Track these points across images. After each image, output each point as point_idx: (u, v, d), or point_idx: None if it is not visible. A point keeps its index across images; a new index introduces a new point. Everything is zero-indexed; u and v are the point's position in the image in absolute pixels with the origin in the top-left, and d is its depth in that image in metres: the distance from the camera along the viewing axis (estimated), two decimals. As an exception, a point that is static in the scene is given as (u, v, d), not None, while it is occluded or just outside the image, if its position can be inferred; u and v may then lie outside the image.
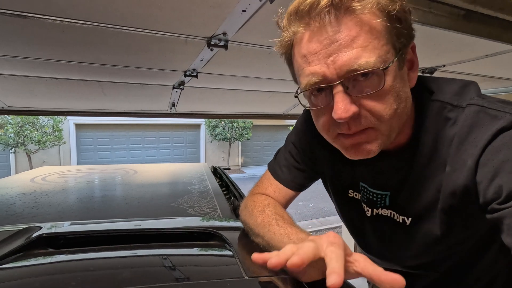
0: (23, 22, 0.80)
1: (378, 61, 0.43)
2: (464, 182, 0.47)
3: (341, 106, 0.44)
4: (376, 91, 0.44)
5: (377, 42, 0.43)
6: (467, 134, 0.47)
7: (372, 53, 0.43)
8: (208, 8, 0.76)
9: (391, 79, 0.44)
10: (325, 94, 0.47)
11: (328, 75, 0.44)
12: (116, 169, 2.45)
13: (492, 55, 1.20)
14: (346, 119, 0.45)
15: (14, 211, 1.26)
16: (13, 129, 8.42)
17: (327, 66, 0.44)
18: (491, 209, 0.44)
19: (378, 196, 0.60)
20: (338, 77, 0.44)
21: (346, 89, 0.45)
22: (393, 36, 0.45)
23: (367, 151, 0.49)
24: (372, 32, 0.43)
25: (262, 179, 0.76)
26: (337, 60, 0.43)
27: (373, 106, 0.45)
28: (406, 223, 0.57)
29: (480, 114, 0.47)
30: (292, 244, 0.43)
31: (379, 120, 0.46)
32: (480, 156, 0.45)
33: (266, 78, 1.59)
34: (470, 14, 0.82)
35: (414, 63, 0.51)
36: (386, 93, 0.45)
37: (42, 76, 1.42)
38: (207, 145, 12.34)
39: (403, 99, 0.47)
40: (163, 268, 0.57)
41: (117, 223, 0.96)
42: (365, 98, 0.45)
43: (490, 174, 0.43)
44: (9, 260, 0.57)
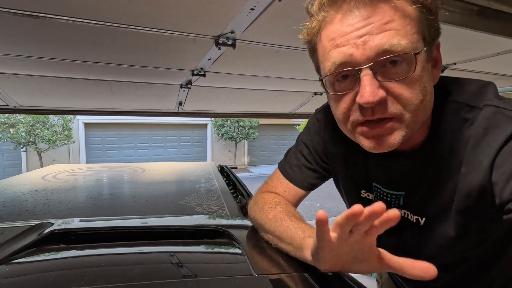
0: (35, 22, 0.81)
1: (410, 46, 0.42)
2: (479, 183, 0.46)
3: (369, 90, 0.43)
4: (406, 77, 0.43)
5: (410, 29, 0.42)
6: (483, 135, 0.46)
7: (404, 37, 0.42)
8: (216, 7, 0.76)
9: (420, 68, 0.44)
10: (351, 80, 0.46)
11: (356, 56, 0.43)
12: (125, 168, 2.48)
13: (505, 53, 1.17)
14: (374, 103, 0.43)
15: (26, 208, 1.29)
16: (24, 128, 8.59)
17: (357, 47, 0.43)
18: (508, 209, 0.43)
19: (392, 197, 0.59)
20: (367, 60, 0.43)
21: (374, 74, 0.43)
22: (425, 27, 0.44)
23: (389, 144, 0.47)
24: (406, 18, 0.42)
25: (272, 177, 0.76)
26: (368, 41, 0.42)
27: (401, 93, 0.44)
28: (420, 223, 0.56)
29: (497, 115, 0.46)
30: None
31: (405, 108, 0.45)
32: (495, 157, 0.44)
33: (274, 77, 1.59)
34: (483, 10, 0.80)
35: (438, 61, 0.50)
36: (414, 82, 0.44)
37: (53, 76, 1.44)
38: (213, 144, 12.39)
39: (429, 92, 0.47)
40: (172, 265, 0.58)
41: (126, 220, 0.97)
42: (393, 84, 0.44)
43: (506, 175, 0.43)
44: (22, 255, 0.58)
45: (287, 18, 0.83)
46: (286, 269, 0.53)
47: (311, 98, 2.15)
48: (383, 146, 0.47)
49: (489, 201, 0.46)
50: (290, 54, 1.14)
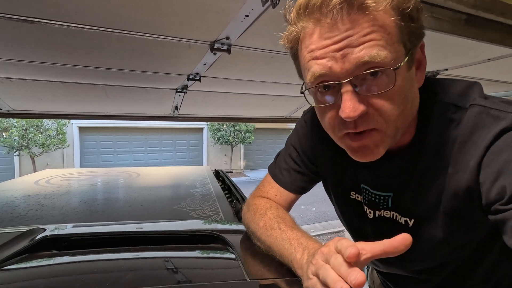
0: (30, 27, 0.81)
1: (389, 57, 0.42)
2: (466, 184, 0.47)
3: (350, 105, 0.43)
4: (385, 91, 0.43)
5: (389, 38, 0.42)
6: (469, 135, 0.47)
7: (384, 48, 0.41)
8: (212, 13, 0.77)
9: (400, 80, 0.44)
10: (332, 91, 0.46)
11: (336, 70, 0.43)
12: (119, 172, 2.46)
13: (495, 59, 1.20)
14: (355, 117, 0.44)
15: (18, 213, 1.27)
16: (17, 132, 8.48)
17: (336, 60, 0.42)
18: (494, 210, 0.43)
19: (380, 198, 0.60)
20: (346, 74, 0.43)
21: (355, 88, 0.43)
22: (405, 35, 0.44)
23: (373, 155, 0.48)
24: (385, 30, 0.42)
25: (263, 182, 0.76)
26: (347, 53, 0.42)
27: (381, 106, 0.44)
28: (409, 224, 0.57)
29: (483, 115, 0.46)
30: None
31: (386, 121, 0.45)
32: (482, 157, 0.44)
33: (269, 82, 1.60)
34: (472, 18, 0.82)
35: (422, 63, 0.50)
36: (394, 94, 0.44)
37: (47, 80, 1.43)
38: (209, 149, 12.36)
39: (410, 100, 0.47)
40: (166, 270, 0.57)
41: (120, 225, 0.96)
42: (373, 98, 0.44)
43: (493, 175, 0.43)
44: (13, 262, 0.57)
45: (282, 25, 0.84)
46: (279, 274, 0.53)
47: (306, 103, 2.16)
48: (368, 156, 0.49)
49: (476, 202, 0.47)
50: (285, 59, 1.15)
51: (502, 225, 0.42)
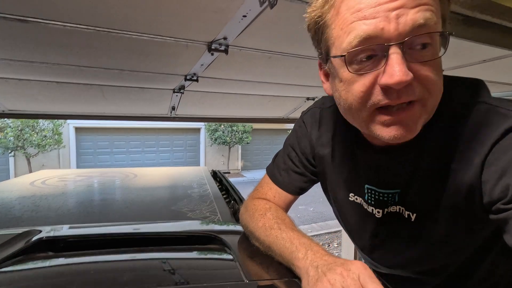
0: (25, 27, 0.80)
1: (439, 25, 0.41)
2: (469, 181, 0.46)
3: (402, 69, 0.39)
4: (433, 59, 0.41)
5: (437, 8, 0.41)
6: (475, 132, 0.46)
7: (435, 16, 0.40)
8: (209, 13, 0.77)
9: (441, 50, 0.42)
10: (375, 58, 0.42)
11: (388, 30, 0.39)
12: (116, 173, 2.44)
13: (491, 60, 1.21)
14: (405, 83, 0.39)
15: (13, 215, 1.25)
16: (12, 133, 8.41)
17: (389, 20, 0.39)
18: (496, 209, 0.43)
19: (389, 196, 0.58)
20: (399, 35, 0.39)
21: (403, 52, 0.40)
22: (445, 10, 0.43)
23: (410, 132, 0.44)
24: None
25: (262, 183, 0.76)
26: (402, 14, 0.38)
27: (426, 76, 0.41)
28: (411, 219, 0.56)
29: (490, 113, 0.46)
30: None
31: (429, 92, 0.42)
32: (487, 155, 0.44)
33: (266, 82, 1.60)
34: (469, 19, 0.82)
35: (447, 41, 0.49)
36: (438, 64, 0.43)
37: (43, 80, 1.42)
38: (206, 149, 12.34)
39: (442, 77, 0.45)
40: (163, 272, 0.57)
41: (117, 226, 0.95)
42: (419, 66, 0.41)
43: (497, 174, 0.42)
44: (9, 264, 0.57)
45: (279, 25, 0.84)
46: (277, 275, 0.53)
47: (304, 103, 2.17)
48: (403, 134, 0.44)
49: (477, 200, 0.46)
50: (283, 60, 1.15)
51: (504, 224, 0.42)
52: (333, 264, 0.44)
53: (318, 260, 0.47)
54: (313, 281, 0.44)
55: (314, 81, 1.58)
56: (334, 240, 5.19)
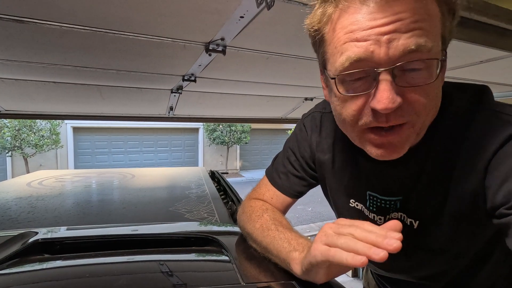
0: (21, 27, 0.80)
1: (434, 50, 0.39)
2: (473, 187, 0.46)
3: (389, 96, 0.39)
4: (426, 84, 0.40)
5: (436, 31, 0.39)
6: (478, 139, 0.46)
7: (431, 39, 0.38)
8: (206, 14, 0.77)
9: (441, 74, 0.42)
10: (365, 80, 0.42)
11: (378, 54, 0.39)
12: (114, 173, 2.44)
13: (487, 61, 1.22)
14: (392, 109, 0.40)
15: (9, 216, 1.25)
16: (10, 133, 8.37)
17: (379, 44, 0.38)
18: (499, 214, 0.43)
19: (391, 203, 0.58)
20: (389, 60, 0.39)
21: (393, 78, 0.40)
22: (446, 29, 0.42)
23: (397, 153, 0.45)
24: (433, 20, 0.39)
25: (260, 184, 0.76)
26: (393, 39, 0.38)
27: (416, 100, 0.41)
28: (414, 226, 0.56)
29: (492, 119, 0.46)
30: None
31: (417, 115, 0.42)
32: (490, 160, 0.44)
33: (264, 83, 1.60)
34: (465, 21, 0.83)
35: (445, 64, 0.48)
36: (432, 89, 0.41)
37: (40, 80, 1.41)
38: (205, 149, 12.32)
39: (439, 98, 0.45)
40: (160, 274, 0.57)
41: (114, 228, 0.95)
42: (410, 90, 0.41)
43: (500, 179, 0.42)
44: (4, 266, 0.56)
45: (277, 26, 0.84)
46: (274, 277, 0.52)
47: (302, 104, 2.17)
48: (391, 155, 0.46)
49: (481, 206, 0.46)
50: (280, 60, 1.15)
51: (506, 229, 0.42)
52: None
53: None
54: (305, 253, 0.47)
55: (312, 82, 1.59)
56: (333, 240, 5.19)
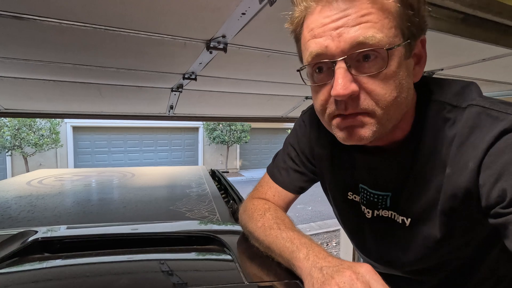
0: (20, 24, 0.79)
1: (385, 40, 0.42)
2: (465, 185, 0.46)
3: (341, 83, 0.43)
4: (379, 72, 0.43)
5: (387, 22, 0.42)
6: (468, 135, 0.46)
7: (380, 30, 0.42)
8: (207, 11, 0.76)
9: (395, 64, 0.44)
10: (327, 72, 0.46)
11: (331, 48, 0.43)
12: (114, 172, 2.43)
13: (490, 59, 1.21)
14: (345, 96, 0.44)
15: (9, 215, 1.24)
16: (9, 132, 8.35)
17: (332, 38, 0.43)
18: (495, 213, 0.43)
19: (379, 197, 0.59)
20: (342, 52, 0.43)
21: (348, 67, 0.44)
22: (404, 21, 0.44)
23: (360, 137, 0.48)
24: (384, 11, 0.42)
25: (261, 182, 0.76)
26: (343, 33, 0.42)
27: (373, 89, 0.44)
28: (406, 224, 0.56)
29: (482, 115, 0.46)
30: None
31: (377, 105, 0.45)
32: (482, 158, 0.44)
33: (265, 81, 1.59)
34: (468, 18, 0.82)
35: (421, 58, 0.49)
36: (388, 78, 0.44)
37: (39, 79, 1.41)
38: (205, 148, 12.32)
39: (405, 89, 0.46)
40: (162, 273, 0.56)
41: (114, 227, 0.94)
42: (366, 79, 0.44)
43: (493, 177, 0.42)
44: (3, 265, 0.56)
45: (278, 23, 0.83)
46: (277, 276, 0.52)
47: (303, 102, 2.16)
48: (354, 138, 0.48)
49: (475, 203, 0.46)
50: (282, 58, 1.14)
51: (504, 229, 0.42)
52: (340, 266, 0.43)
53: (322, 261, 0.46)
54: (319, 283, 0.43)
55: (313, 80, 1.57)
56: (333, 239, 5.21)
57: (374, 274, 0.42)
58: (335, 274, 0.42)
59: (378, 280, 0.41)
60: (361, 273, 0.42)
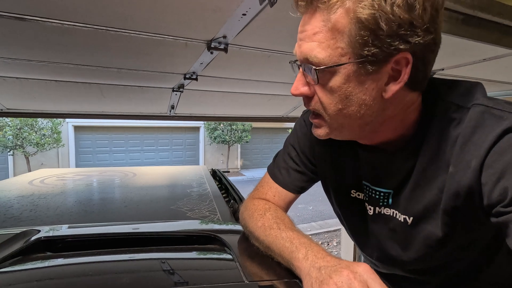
0: (23, 25, 0.80)
1: (327, 59, 0.45)
2: (468, 183, 0.46)
3: (295, 83, 0.51)
4: (319, 83, 0.48)
5: (333, 43, 0.45)
6: (471, 135, 0.46)
7: (324, 50, 0.45)
8: (208, 12, 0.77)
9: (340, 80, 0.46)
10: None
11: (297, 53, 0.50)
12: (115, 172, 2.44)
13: (491, 59, 1.21)
14: (295, 95, 0.52)
15: (12, 214, 1.25)
16: (11, 131, 8.39)
17: (298, 46, 0.49)
18: (496, 212, 0.43)
19: (381, 194, 0.59)
20: (299, 60, 0.50)
21: (304, 72, 0.50)
22: (356, 43, 0.43)
23: (317, 134, 0.55)
24: (333, 32, 0.44)
25: (262, 182, 0.76)
26: (301, 44, 0.48)
27: (320, 96, 0.49)
28: (408, 222, 0.56)
29: (485, 115, 0.46)
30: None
31: (325, 111, 0.50)
32: (485, 157, 0.44)
33: (266, 81, 1.60)
34: (469, 18, 0.82)
35: (399, 77, 0.46)
36: (332, 91, 0.48)
37: (41, 79, 1.41)
38: (206, 148, 12.33)
39: (355, 103, 0.47)
40: (163, 272, 0.57)
41: (116, 226, 0.95)
42: (317, 87, 0.49)
43: (495, 176, 0.43)
44: (6, 264, 0.56)
45: (279, 24, 0.83)
46: (277, 275, 0.52)
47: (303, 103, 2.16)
48: (316, 132, 0.55)
49: (477, 202, 0.46)
50: (282, 58, 1.15)
51: (505, 228, 0.42)
52: (338, 266, 0.44)
53: (320, 261, 0.46)
54: (317, 283, 0.43)
55: (314, 80, 1.58)
56: (334, 239, 5.21)
57: (372, 274, 0.42)
58: (333, 273, 0.43)
59: (376, 279, 0.41)
60: (358, 272, 0.42)
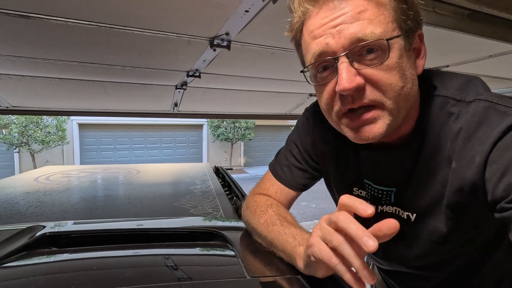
0: (27, 23, 0.80)
1: (384, 34, 0.43)
2: (472, 179, 0.46)
3: (345, 76, 0.44)
4: (382, 63, 0.44)
5: (384, 18, 0.43)
6: (474, 130, 0.46)
7: (378, 26, 0.43)
8: (211, 9, 0.76)
9: (396, 55, 0.44)
10: (330, 70, 0.47)
11: (332, 45, 0.44)
12: (119, 169, 2.46)
13: (496, 56, 1.19)
14: (351, 90, 0.44)
15: (18, 210, 1.27)
16: (17, 129, 8.47)
17: (332, 36, 0.44)
18: (500, 208, 0.43)
19: (383, 193, 0.59)
20: (342, 48, 0.44)
21: (351, 62, 0.44)
22: (400, 15, 0.45)
23: (373, 133, 0.47)
24: (379, 7, 0.43)
25: (264, 179, 0.76)
26: (342, 30, 0.43)
27: (379, 79, 0.44)
28: (411, 219, 0.56)
29: (490, 110, 0.45)
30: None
31: (385, 95, 0.45)
32: (489, 153, 0.44)
33: (269, 79, 1.59)
34: (474, 14, 0.81)
35: (421, 51, 0.50)
36: (392, 68, 0.44)
37: (46, 76, 1.42)
38: (209, 145, 12.35)
39: (410, 80, 0.47)
40: (166, 268, 0.57)
41: (120, 222, 0.96)
42: (370, 71, 0.44)
43: (499, 172, 0.42)
44: (13, 259, 0.57)
45: (282, 20, 0.83)
46: (279, 271, 0.53)
47: (307, 100, 2.16)
48: (367, 137, 0.47)
49: (481, 198, 0.46)
50: (285, 55, 1.14)
51: (509, 223, 0.42)
52: None
53: None
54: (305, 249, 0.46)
55: (317, 77, 1.57)
56: (337, 237, 5.19)
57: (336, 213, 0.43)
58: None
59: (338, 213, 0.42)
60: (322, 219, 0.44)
